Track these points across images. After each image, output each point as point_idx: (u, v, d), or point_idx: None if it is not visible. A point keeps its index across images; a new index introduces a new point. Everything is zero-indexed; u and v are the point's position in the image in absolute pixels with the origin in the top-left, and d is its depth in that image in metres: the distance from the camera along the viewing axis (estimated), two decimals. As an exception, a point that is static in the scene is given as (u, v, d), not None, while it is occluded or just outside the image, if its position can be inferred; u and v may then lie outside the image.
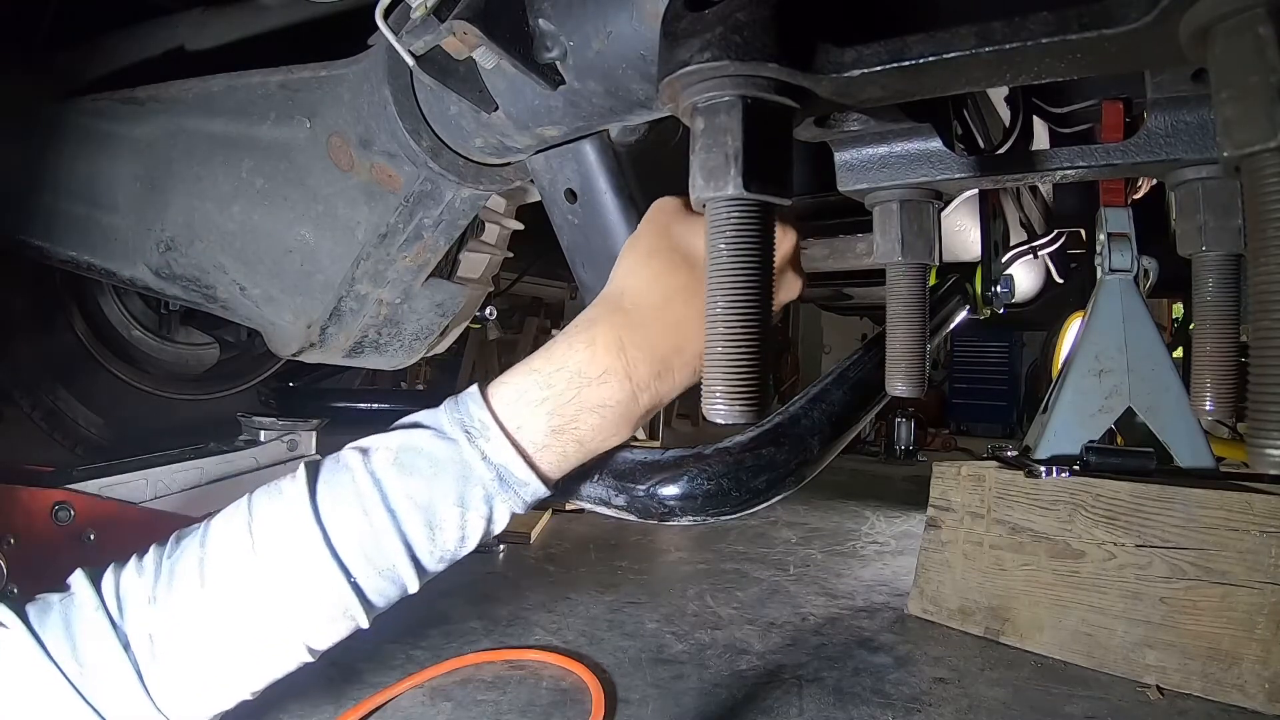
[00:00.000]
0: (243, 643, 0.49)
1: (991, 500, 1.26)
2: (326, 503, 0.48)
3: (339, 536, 0.48)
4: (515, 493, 0.51)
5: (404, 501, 0.48)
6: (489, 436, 0.49)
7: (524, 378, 0.51)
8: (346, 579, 0.48)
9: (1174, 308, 3.12)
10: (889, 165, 0.59)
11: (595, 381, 0.50)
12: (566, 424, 0.50)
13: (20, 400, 1.50)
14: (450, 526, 0.50)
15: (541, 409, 0.50)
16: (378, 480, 0.48)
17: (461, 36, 0.51)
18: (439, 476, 0.49)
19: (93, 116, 1.02)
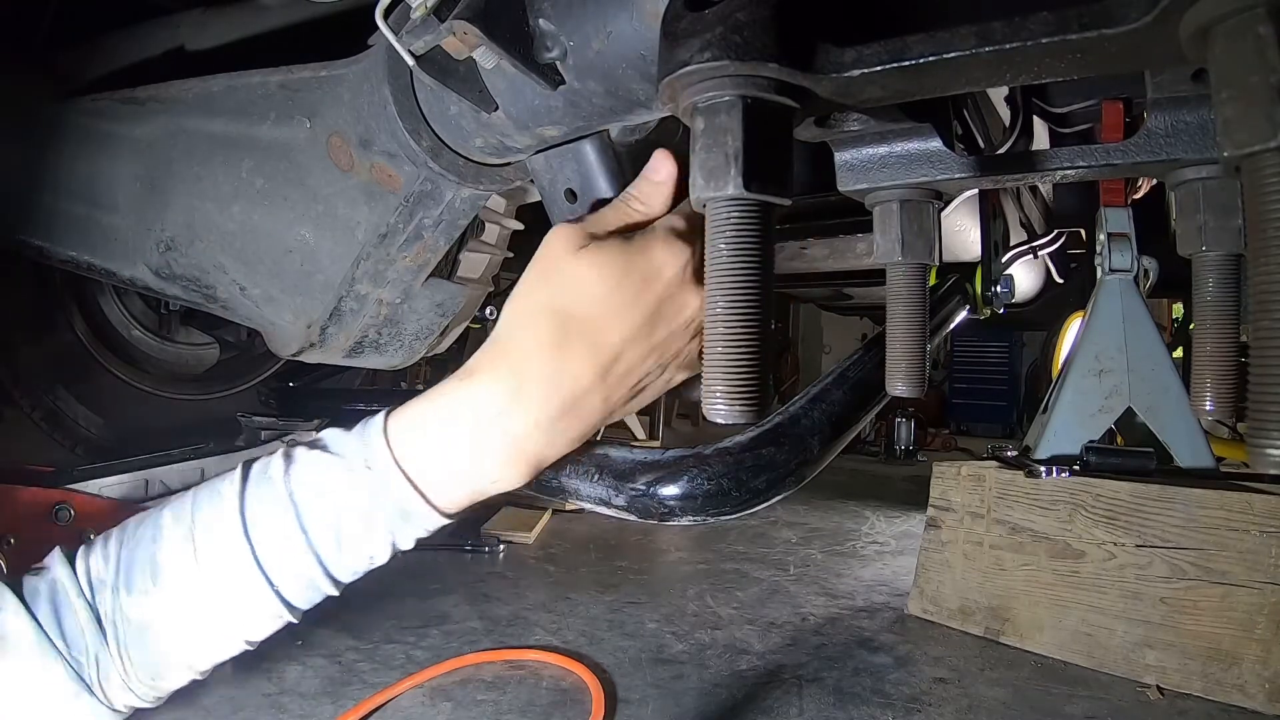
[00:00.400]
0: (191, 636, 0.55)
1: (991, 500, 1.26)
2: (253, 515, 0.53)
3: (264, 550, 0.53)
4: (416, 523, 0.55)
5: (315, 523, 0.53)
6: (387, 474, 0.52)
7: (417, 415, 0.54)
8: (272, 589, 0.54)
9: (1174, 308, 3.12)
10: (889, 165, 0.59)
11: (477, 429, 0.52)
12: (453, 471, 0.53)
13: (20, 400, 1.50)
14: (357, 547, 0.55)
15: (429, 450, 0.53)
16: (294, 502, 0.53)
17: (461, 36, 0.51)
18: (345, 503, 0.53)
19: (93, 116, 1.02)
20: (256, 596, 0.54)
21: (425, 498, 0.53)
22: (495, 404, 0.52)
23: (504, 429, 0.52)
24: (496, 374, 0.52)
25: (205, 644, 0.56)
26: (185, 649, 0.55)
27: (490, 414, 0.52)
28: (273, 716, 0.90)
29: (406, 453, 0.53)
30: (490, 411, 0.52)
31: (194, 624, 0.54)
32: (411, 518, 0.54)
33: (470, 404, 0.52)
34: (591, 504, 0.63)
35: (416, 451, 0.53)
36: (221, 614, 0.54)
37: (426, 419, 0.53)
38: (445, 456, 0.53)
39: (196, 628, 0.55)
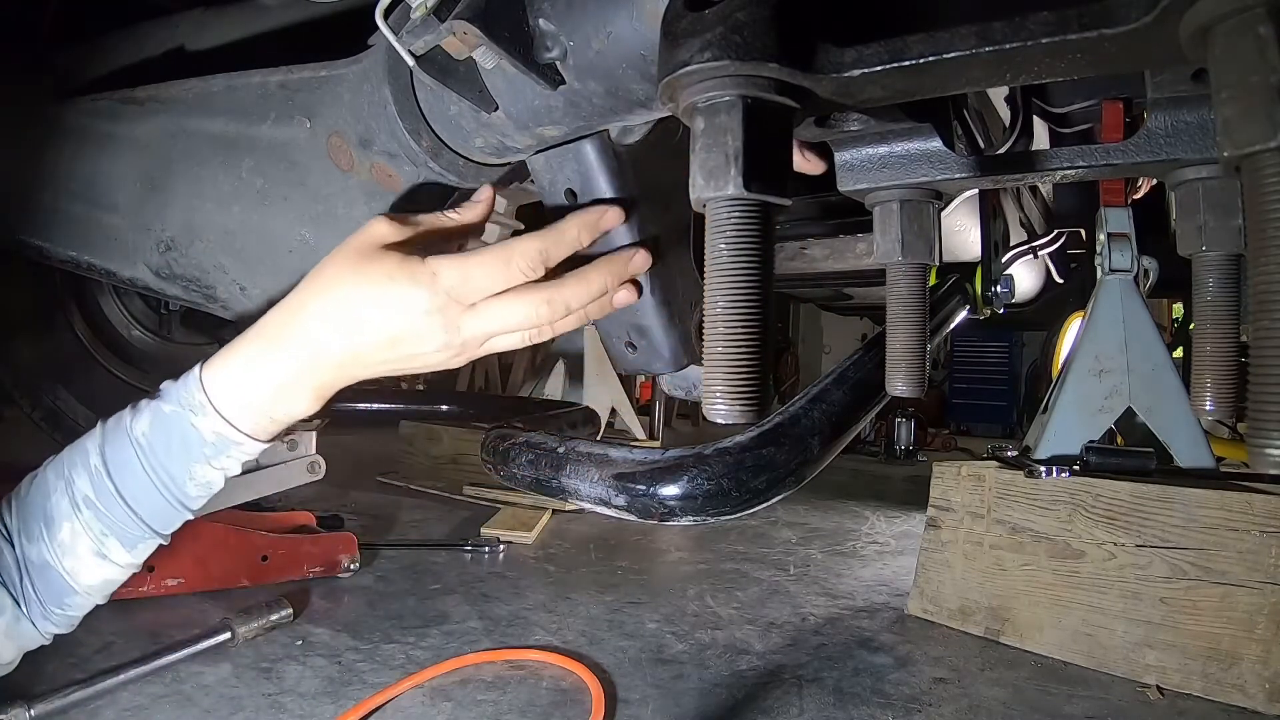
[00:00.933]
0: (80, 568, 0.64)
1: (991, 500, 1.26)
2: (112, 461, 0.63)
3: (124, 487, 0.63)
4: (236, 450, 0.64)
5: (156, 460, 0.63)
6: (206, 415, 0.62)
7: (230, 367, 0.63)
8: (138, 519, 0.63)
9: (1174, 308, 3.12)
10: (889, 165, 0.59)
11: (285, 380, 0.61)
12: (261, 406, 0.62)
13: (20, 400, 1.50)
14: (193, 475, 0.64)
15: (241, 395, 0.62)
16: (137, 444, 0.63)
17: (461, 36, 0.51)
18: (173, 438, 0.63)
19: (93, 116, 1.02)
20: (128, 528, 0.64)
21: (241, 431, 0.62)
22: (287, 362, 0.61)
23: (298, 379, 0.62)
24: (290, 338, 0.61)
25: (94, 572, 0.65)
26: (79, 579, 0.65)
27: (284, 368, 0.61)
28: (273, 716, 0.90)
29: (222, 398, 0.62)
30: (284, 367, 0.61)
31: (82, 558, 0.64)
32: (230, 446, 0.63)
33: (271, 357, 0.62)
34: (591, 504, 0.64)
35: (229, 397, 0.62)
36: (102, 546, 0.64)
37: (234, 371, 0.62)
38: (254, 397, 0.62)
39: (84, 561, 0.64)
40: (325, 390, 0.63)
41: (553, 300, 0.59)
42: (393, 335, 0.59)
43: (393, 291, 0.57)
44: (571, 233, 0.61)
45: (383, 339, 0.59)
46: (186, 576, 1.24)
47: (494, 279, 0.58)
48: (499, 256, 0.58)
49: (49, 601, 0.65)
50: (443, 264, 0.57)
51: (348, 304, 0.59)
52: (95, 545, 0.64)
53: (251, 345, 0.62)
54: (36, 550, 0.64)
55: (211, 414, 0.62)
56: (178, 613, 1.16)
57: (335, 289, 0.59)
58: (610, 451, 0.65)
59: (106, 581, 0.67)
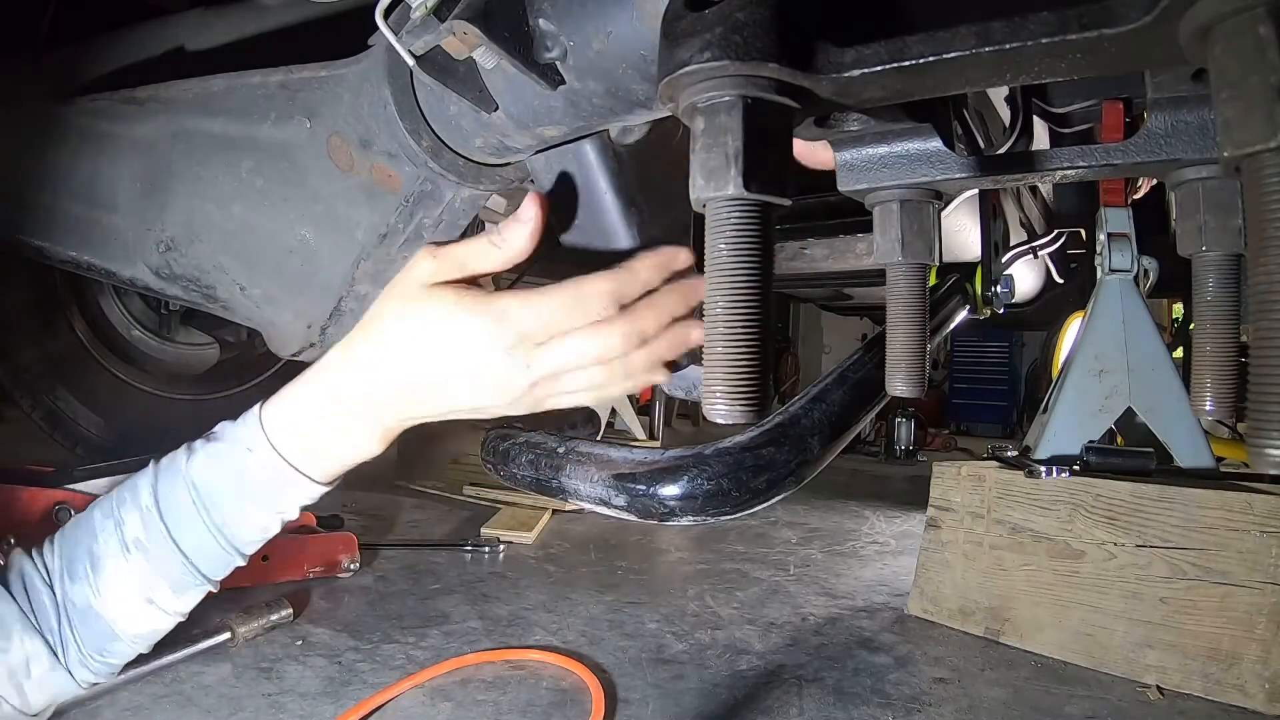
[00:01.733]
0: (126, 613, 0.62)
1: (991, 500, 1.26)
2: (165, 503, 0.61)
3: (177, 531, 0.61)
4: (296, 493, 0.62)
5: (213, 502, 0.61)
6: (267, 459, 0.60)
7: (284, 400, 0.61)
8: (189, 564, 0.61)
9: (1174, 308, 3.12)
10: (889, 165, 0.59)
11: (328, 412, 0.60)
12: (314, 447, 0.61)
13: (20, 400, 1.50)
14: (249, 519, 0.62)
15: (293, 433, 0.60)
16: (194, 485, 0.61)
17: (461, 36, 0.51)
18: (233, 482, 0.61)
19: (93, 116, 1.02)
20: (178, 572, 0.61)
21: (300, 471, 0.60)
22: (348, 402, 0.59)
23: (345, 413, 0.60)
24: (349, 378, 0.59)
25: (141, 619, 0.63)
26: (124, 625, 0.62)
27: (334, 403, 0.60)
28: (273, 716, 0.90)
29: (282, 439, 0.60)
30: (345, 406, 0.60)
31: (128, 603, 0.62)
32: (290, 489, 0.61)
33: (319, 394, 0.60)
34: (591, 504, 0.64)
35: (290, 438, 0.60)
36: (151, 591, 0.62)
37: (287, 404, 0.61)
38: (313, 437, 0.60)
39: (131, 606, 0.62)
40: (393, 431, 0.61)
41: (627, 330, 0.55)
42: (458, 374, 0.56)
43: (459, 329, 0.55)
44: (644, 274, 0.57)
45: (446, 378, 0.56)
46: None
47: (566, 320, 0.54)
48: (571, 296, 0.54)
49: (89, 647, 0.62)
50: (512, 302, 0.54)
51: (412, 341, 0.56)
52: (143, 590, 0.61)
53: (310, 384, 0.60)
54: (80, 592, 0.61)
55: (270, 454, 0.60)
56: (178, 613, 1.16)
57: (398, 326, 0.57)
58: (610, 451, 0.65)
59: (153, 631, 0.64)
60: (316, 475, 0.61)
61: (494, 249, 0.58)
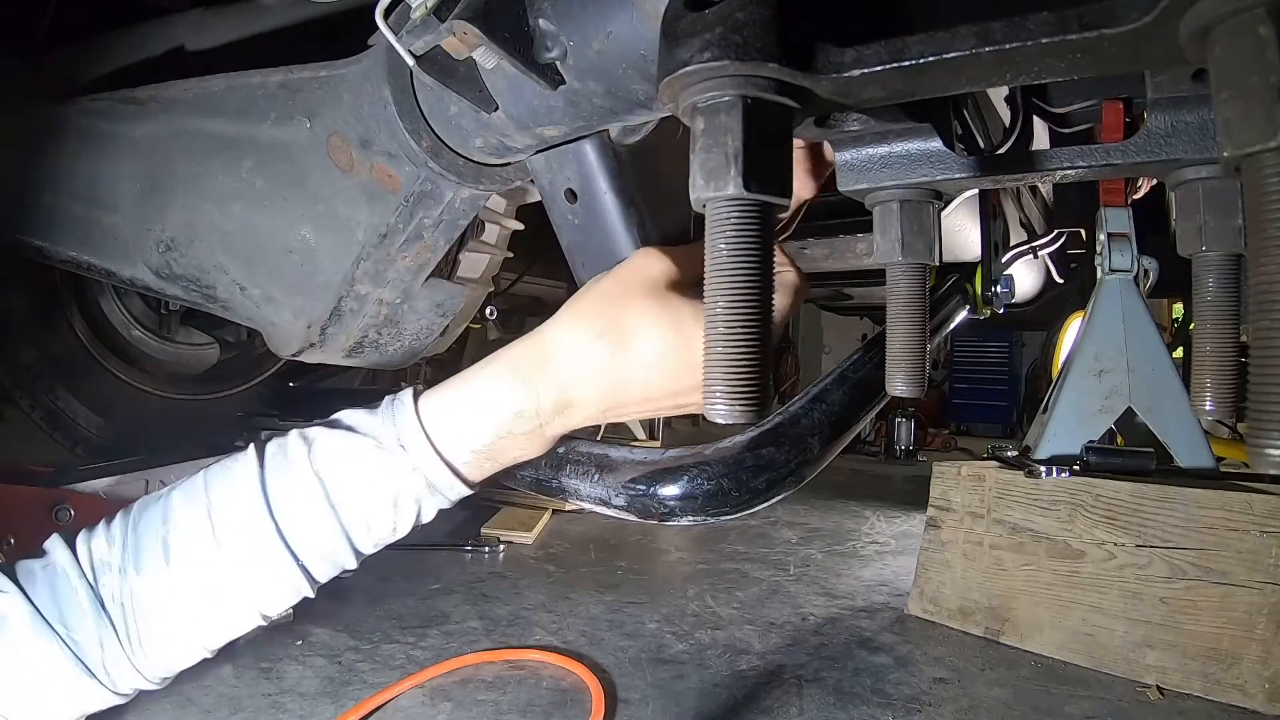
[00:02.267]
0: (205, 613, 0.56)
1: (991, 500, 1.26)
2: (276, 494, 0.55)
3: (289, 528, 0.55)
4: (442, 494, 0.58)
5: (344, 501, 0.56)
6: (420, 451, 0.55)
7: (454, 399, 0.57)
8: (297, 564, 0.56)
9: (1174, 308, 3.12)
10: (889, 165, 0.59)
11: (513, 419, 0.56)
12: (486, 448, 0.57)
13: (20, 400, 1.50)
14: (384, 521, 0.57)
15: (465, 435, 0.56)
16: (321, 481, 0.55)
17: (461, 36, 0.51)
18: (375, 480, 0.56)
19: (93, 116, 1.02)
20: (280, 573, 0.56)
21: (457, 474, 0.57)
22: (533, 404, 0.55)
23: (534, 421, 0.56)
24: (541, 383, 0.55)
25: (220, 621, 0.57)
26: (199, 627, 0.56)
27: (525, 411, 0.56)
28: (273, 716, 0.90)
29: (441, 434, 0.56)
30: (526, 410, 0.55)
31: (209, 602, 0.56)
32: (439, 491, 0.57)
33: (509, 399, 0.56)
34: (591, 504, 0.63)
35: (451, 434, 0.56)
36: (240, 591, 0.56)
37: (463, 405, 0.56)
38: (479, 439, 0.56)
39: (212, 605, 0.56)
40: (557, 435, 0.58)
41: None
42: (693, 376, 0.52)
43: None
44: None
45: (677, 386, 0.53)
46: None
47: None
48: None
49: (151, 649, 0.55)
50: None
51: (664, 351, 0.52)
52: (231, 590, 0.55)
53: (487, 377, 0.56)
54: (148, 587, 0.54)
55: (428, 454, 0.55)
56: (178, 613, 1.16)
57: (647, 337, 0.52)
58: (610, 451, 0.65)
59: (229, 638, 0.58)
60: (471, 477, 0.57)
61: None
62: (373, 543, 0.59)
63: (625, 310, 0.54)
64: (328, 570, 0.58)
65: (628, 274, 0.56)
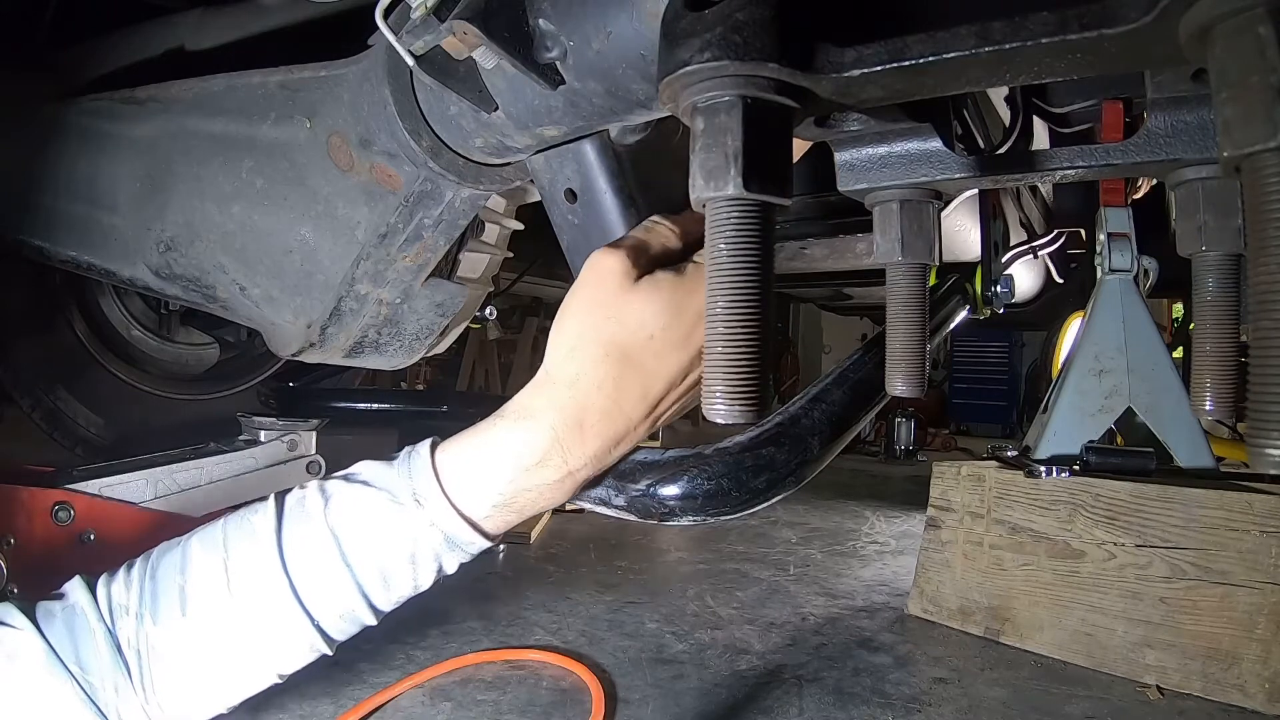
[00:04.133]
0: (220, 667, 0.55)
1: (991, 500, 1.26)
2: (292, 550, 0.54)
3: (303, 584, 0.53)
4: (461, 549, 0.56)
5: (360, 558, 0.54)
6: (437, 506, 0.54)
7: (470, 449, 0.55)
8: (311, 622, 0.54)
9: (1174, 308, 3.12)
10: (889, 165, 0.59)
11: (534, 467, 0.54)
12: (507, 501, 0.55)
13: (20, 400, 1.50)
14: (403, 578, 0.55)
15: (487, 487, 0.54)
16: (336, 537, 0.53)
17: (461, 36, 0.51)
18: (391, 536, 0.54)
19: (93, 116, 1.02)
20: (293, 630, 0.54)
21: (476, 528, 0.55)
22: (553, 444, 0.53)
23: (559, 465, 0.54)
24: (555, 416, 0.53)
25: (235, 676, 0.55)
26: (214, 680, 0.55)
27: (548, 454, 0.53)
28: (273, 716, 0.90)
29: (457, 488, 0.54)
30: (548, 452, 0.53)
31: (224, 655, 0.54)
32: (459, 546, 0.55)
33: (528, 444, 0.53)
34: (591, 504, 0.63)
35: (468, 487, 0.54)
36: (254, 646, 0.54)
37: (480, 456, 0.54)
38: (498, 491, 0.54)
39: (227, 659, 0.54)
40: (578, 470, 0.54)
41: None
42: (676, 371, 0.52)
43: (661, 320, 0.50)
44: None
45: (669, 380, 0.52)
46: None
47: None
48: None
49: (165, 699, 0.54)
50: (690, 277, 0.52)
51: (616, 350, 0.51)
52: (249, 646, 0.54)
53: (493, 423, 0.54)
54: (164, 636, 0.53)
55: (445, 510, 0.53)
56: (178, 613, 1.16)
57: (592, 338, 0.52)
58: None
59: (244, 693, 0.57)
60: (491, 530, 0.55)
61: (672, 234, 0.55)
62: (392, 600, 0.57)
63: (569, 316, 0.53)
64: (345, 628, 0.57)
65: (595, 275, 0.53)
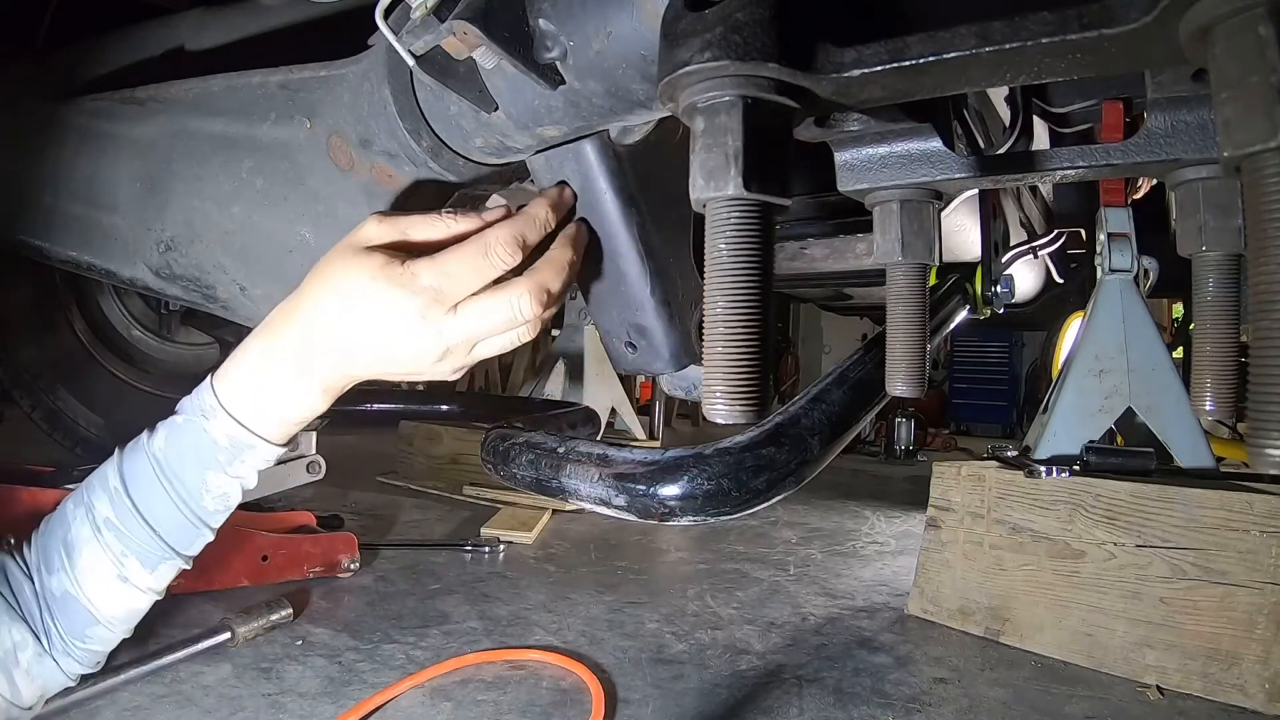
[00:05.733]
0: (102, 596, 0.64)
1: (991, 500, 1.26)
2: (131, 481, 0.63)
3: (145, 507, 0.62)
4: (254, 456, 0.64)
5: (174, 474, 0.63)
6: (221, 423, 0.62)
7: (239, 372, 0.63)
8: (159, 539, 0.63)
9: (1174, 308, 3.12)
10: (889, 165, 0.59)
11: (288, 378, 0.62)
12: (273, 407, 0.63)
13: (20, 400, 1.50)
14: (212, 488, 0.64)
15: (253, 397, 0.62)
16: (156, 460, 0.63)
17: (461, 36, 0.51)
18: (194, 454, 0.63)
19: (93, 116, 1.02)
20: (148, 547, 0.63)
21: (252, 431, 0.62)
22: (288, 359, 0.61)
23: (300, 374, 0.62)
24: (289, 336, 0.61)
25: (116, 599, 0.64)
26: (101, 607, 0.64)
27: (287, 364, 0.61)
28: (273, 716, 0.90)
29: (232, 400, 0.62)
30: (286, 364, 0.61)
31: (103, 584, 0.63)
32: (247, 451, 0.63)
33: (272, 354, 0.62)
34: (591, 504, 0.64)
35: (239, 398, 0.62)
36: (124, 569, 0.63)
37: (242, 373, 0.63)
38: (260, 395, 0.62)
39: (106, 586, 0.63)
40: (332, 387, 0.63)
41: (534, 290, 0.57)
42: (377, 337, 0.58)
43: (374, 293, 0.56)
44: (541, 214, 0.61)
45: (369, 340, 0.58)
46: (186, 577, 1.23)
47: (474, 273, 0.57)
48: (476, 249, 0.57)
49: (71, 635, 0.64)
50: (420, 265, 0.56)
51: (337, 302, 0.58)
52: (116, 568, 0.63)
53: (255, 344, 0.62)
54: (57, 581, 0.63)
55: (223, 417, 0.62)
56: (178, 613, 1.16)
57: (327, 286, 0.59)
58: (610, 451, 0.65)
59: (130, 611, 0.66)
60: (269, 434, 0.63)
61: (440, 221, 0.60)
62: (212, 510, 0.64)
63: (322, 263, 0.60)
64: (188, 540, 0.65)
65: (346, 237, 0.61)
